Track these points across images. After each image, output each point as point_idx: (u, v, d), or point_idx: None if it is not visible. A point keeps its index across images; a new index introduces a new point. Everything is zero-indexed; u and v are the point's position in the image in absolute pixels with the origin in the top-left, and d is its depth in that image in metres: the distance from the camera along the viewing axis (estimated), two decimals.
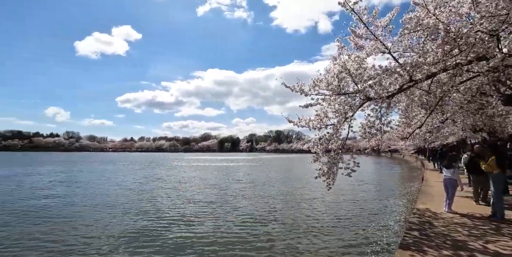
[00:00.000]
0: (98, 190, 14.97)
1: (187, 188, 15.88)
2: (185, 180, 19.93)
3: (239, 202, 11.91)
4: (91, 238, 7.28)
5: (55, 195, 13.58)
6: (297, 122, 5.15)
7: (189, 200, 12.28)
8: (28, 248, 6.51)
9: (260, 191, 14.80)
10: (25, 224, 8.51)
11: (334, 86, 4.77)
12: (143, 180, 20.04)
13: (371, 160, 50.78)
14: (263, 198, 12.86)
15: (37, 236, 7.41)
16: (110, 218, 9.31)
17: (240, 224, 8.66)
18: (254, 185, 16.94)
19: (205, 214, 9.82)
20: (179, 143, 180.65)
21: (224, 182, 18.81)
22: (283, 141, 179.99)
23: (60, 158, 56.58)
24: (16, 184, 17.11)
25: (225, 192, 14.39)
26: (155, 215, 9.69)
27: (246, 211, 10.27)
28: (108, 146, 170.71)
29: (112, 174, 24.20)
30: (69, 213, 9.94)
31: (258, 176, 23.06)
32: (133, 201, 12.21)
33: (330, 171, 5.24)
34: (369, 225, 8.57)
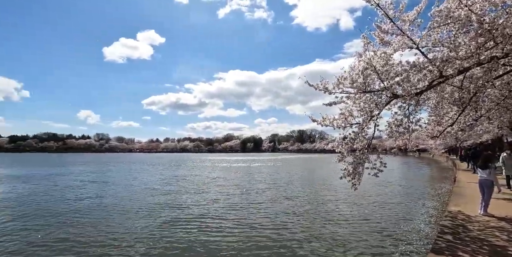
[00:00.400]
0: (126, 190, 15.49)
1: (211, 188, 16.06)
2: (208, 180, 20.18)
3: (263, 203, 11.80)
4: (117, 239, 7.39)
5: (86, 194, 14.22)
6: (321, 121, 5.05)
7: (213, 201, 12.34)
8: (58, 247, 6.83)
9: (283, 192, 14.68)
10: (58, 223, 8.96)
11: (359, 84, 4.63)
12: (168, 180, 20.52)
13: (398, 160, 49.08)
14: (286, 199, 12.70)
15: (67, 235, 7.72)
16: (137, 218, 9.51)
17: (263, 226, 8.50)
18: (277, 186, 16.84)
19: (229, 216, 9.78)
20: (203, 144, 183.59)
21: (247, 182, 18.83)
22: (305, 141, 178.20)
23: (91, 159, 59.35)
24: (52, 184, 18.12)
25: (248, 193, 14.38)
26: (180, 216, 9.81)
27: (269, 213, 10.16)
28: (136, 147, 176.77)
29: (139, 174, 25.01)
30: (98, 213, 10.31)
31: (281, 177, 22.95)
32: (158, 201, 12.44)
33: (356, 171, 5.10)
34: (398, 228, 8.26)
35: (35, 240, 7.18)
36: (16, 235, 7.55)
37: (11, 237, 7.39)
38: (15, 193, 14.52)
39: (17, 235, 7.59)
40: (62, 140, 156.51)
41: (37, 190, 15.46)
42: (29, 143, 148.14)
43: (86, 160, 54.77)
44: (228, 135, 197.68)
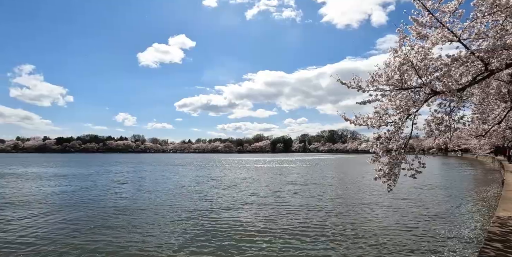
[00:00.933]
0: (159, 189, 16.05)
1: (241, 189, 16.12)
2: (238, 181, 20.32)
3: (294, 205, 11.56)
4: (150, 236, 7.68)
5: (122, 193, 14.94)
6: (354, 121, 4.88)
7: (243, 202, 12.27)
8: (95, 242, 7.23)
9: (315, 193, 14.39)
10: (96, 219, 9.48)
11: (395, 81, 4.41)
12: (199, 180, 20.99)
13: (437, 161, 46.37)
14: (318, 201, 12.37)
15: (104, 231, 8.15)
16: (168, 217, 9.68)
17: (295, 229, 8.26)
18: (308, 187, 16.54)
19: (259, 218, 9.64)
20: (233, 144, 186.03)
21: (277, 183, 18.71)
22: (337, 141, 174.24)
23: (128, 159, 62.48)
24: (91, 181, 19.32)
25: (279, 194, 14.20)
26: (211, 216, 9.88)
27: (301, 215, 9.89)
28: (169, 148, 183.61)
29: (171, 174, 25.87)
30: (133, 211, 10.72)
31: (312, 178, 22.58)
32: (190, 200, 12.68)
33: (392, 172, 4.86)
34: (439, 234, 7.75)
35: (72, 231, 7.68)
36: (55, 227, 8.10)
37: (50, 229, 7.94)
38: (60, 190, 15.61)
39: (57, 227, 8.14)
40: (102, 142, 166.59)
41: (79, 187, 16.53)
42: (73, 145, 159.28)
43: (124, 160, 57.76)
44: (258, 136, 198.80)
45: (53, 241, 7.08)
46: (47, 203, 11.94)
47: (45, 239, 7.23)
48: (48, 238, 7.27)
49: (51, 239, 7.20)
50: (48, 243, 6.88)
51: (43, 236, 7.44)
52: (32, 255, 6.16)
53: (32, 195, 13.85)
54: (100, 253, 6.29)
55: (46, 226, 8.42)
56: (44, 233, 7.76)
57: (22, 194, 14.14)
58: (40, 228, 8.19)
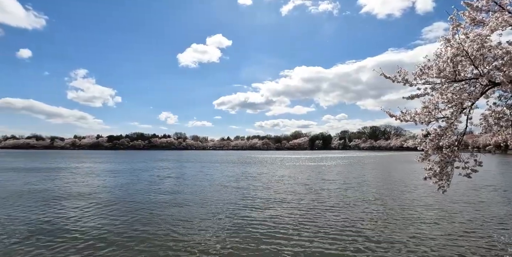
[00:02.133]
0: (197, 185, 16.50)
1: (279, 187, 15.94)
2: (276, 178, 20.21)
3: (334, 206, 11.02)
4: (187, 230, 7.90)
5: (163, 188, 15.63)
6: (400, 117, 4.60)
7: (281, 201, 12.01)
8: (135, 238, 7.68)
9: (357, 193, 13.73)
10: (140, 211, 10.06)
11: (448, 73, 4.06)
12: (237, 177, 21.26)
13: (496, 159, 42.30)
14: (360, 202, 11.73)
15: (145, 227, 8.63)
16: (205, 214, 9.75)
17: (335, 231, 7.80)
18: (349, 187, 15.88)
19: (297, 218, 9.27)
20: (271, 142, 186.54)
21: (316, 182, 18.28)
22: (379, 137, 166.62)
23: (171, 156, 65.59)
24: (138, 176, 20.58)
25: (318, 193, 13.74)
26: (247, 213, 9.84)
27: (341, 216, 9.39)
28: (209, 145, 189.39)
29: (210, 170, 26.60)
30: (172, 205, 11.13)
31: (353, 176, 21.82)
32: (227, 197, 12.72)
33: (444, 172, 4.51)
34: (499, 240, 7.07)
35: (116, 222, 8.24)
36: (104, 217, 8.76)
37: (99, 219, 8.60)
38: (110, 184, 16.84)
39: (106, 217, 8.80)
40: (148, 139, 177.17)
41: (127, 181, 17.69)
42: (122, 142, 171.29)
43: (167, 157, 60.77)
44: (296, 133, 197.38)
45: (101, 230, 7.67)
46: (99, 196, 12.94)
47: (95, 228, 7.86)
48: (97, 228, 7.89)
49: (100, 229, 7.79)
50: (97, 233, 7.47)
51: (93, 226, 8.08)
52: (87, 240, 6.74)
53: (86, 188, 15.13)
54: (141, 242, 6.69)
55: (97, 216, 9.15)
56: (94, 222, 8.44)
57: (76, 187, 15.49)
58: (91, 218, 8.92)
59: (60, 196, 12.78)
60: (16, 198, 12.38)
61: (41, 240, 6.91)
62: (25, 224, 8.27)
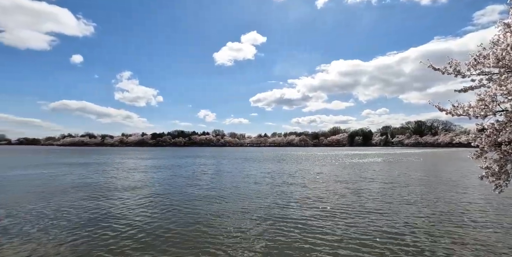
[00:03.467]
0: (234, 182, 16.70)
1: (316, 185, 15.53)
2: (313, 176, 19.78)
3: (375, 207, 10.24)
4: (219, 230, 8.05)
5: (200, 184, 16.11)
6: (452, 111, 4.25)
7: (318, 200, 11.59)
8: (175, 224, 7.99)
9: (401, 194, 12.78)
10: (179, 205, 10.48)
11: (507, 61, 3.66)
12: (273, 174, 21.16)
13: None
14: (406, 205, 10.71)
15: (182, 215, 8.97)
16: (242, 213, 9.68)
17: (378, 237, 7.25)
18: (393, 186, 14.92)
19: (335, 218, 8.87)
20: (308, 138, 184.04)
21: (356, 180, 17.53)
22: (425, 133, 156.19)
23: (210, 153, 67.51)
24: (177, 172, 21.49)
25: (358, 193, 13.00)
26: (281, 212, 9.69)
27: (385, 220, 8.67)
28: (246, 142, 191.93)
29: (246, 167, 26.89)
30: (208, 203, 11.32)
31: (397, 174, 20.73)
32: (263, 195, 12.59)
33: (503, 170, 4.11)
34: None
35: (154, 214, 8.67)
36: (147, 209, 9.26)
37: (143, 211, 9.10)
38: (149, 179, 17.79)
39: (149, 208, 9.30)
40: (188, 136, 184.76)
41: (166, 177, 18.57)
42: (164, 139, 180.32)
43: (206, 153, 62.68)
44: (334, 129, 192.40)
45: (143, 221, 8.14)
46: (143, 189, 13.75)
47: (138, 219, 8.36)
48: (139, 219, 8.38)
49: (143, 221, 8.28)
50: (139, 224, 7.94)
51: (136, 217, 8.60)
52: (128, 230, 7.21)
53: (132, 182, 16.15)
54: (179, 233, 6.98)
55: (140, 207, 9.74)
56: (137, 213, 8.98)
57: (123, 181, 16.61)
58: (134, 209, 9.51)
59: (108, 188, 13.83)
60: (69, 189, 13.62)
61: (89, 228, 7.55)
62: (76, 213, 9.09)
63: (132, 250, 6.15)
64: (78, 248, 6.23)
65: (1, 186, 14.95)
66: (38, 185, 15.48)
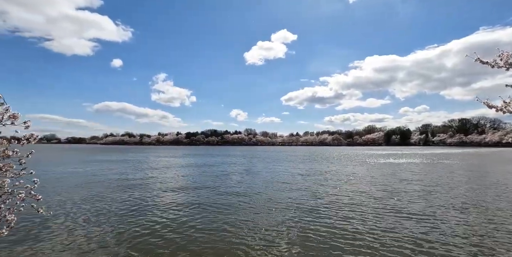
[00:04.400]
0: (265, 182, 16.52)
1: (349, 187, 14.80)
2: (346, 177, 18.85)
3: (416, 213, 9.28)
4: (249, 232, 7.89)
5: (227, 183, 16.17)
6: (502, 108, 3.78)
7: (350, 202, 11.00)
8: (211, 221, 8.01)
9: (444, 199, 11.58)
10: (214, 203, 10.55)
11: None
12: (304, 174, 20.67)
13: None
14: (451, 211, 9.65)
15: (216, 214, 8.99)
16: (271, 215, 9.52)
17: (420, 246, 6.60)
18: (436, 191, 13.47)
19: (372, 225, 8.18)
20: (342, 137, 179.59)
21: (393, 182, 16.37)
22: (470, 131, 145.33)
23: (242, 152, 68.18)
24: (209, 170, 21.88)
25: (396, 197, 12.00)
26: (312, 214, 9.36)
27: (426, 227, 7.83)
28: (278, 141, 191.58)
29: (278, 167, 26.67)
30: (233, 202, 11.25)
31: (438, 177, 19.29)
32: (293, 196, 12.12)
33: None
34: None
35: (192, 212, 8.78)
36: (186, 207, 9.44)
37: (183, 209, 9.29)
38: (183, 175, 18.25)
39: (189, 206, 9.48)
40: (221, 135, 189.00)
41: (204, 174, 18.94)
42: (198, 138, 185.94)
43: (238, 153, 63.42)
44: (369, 127, 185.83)
45: (186, 217, 8.28)
46: (178, 186, 14.11)
47: (181, 215, 8.53)
48: (181, 215, 8.55)
49: (186, 216, 8.43)
50: (182, 221, 8.09)
51: (169, 210, 8.79)
52: (163, 222, 7.39)
53: (167, 179, 16.68)
54: (215, 231, 6.99)
55: (174, 201, 9.97)
56: (170, 207, 9.19)
57: (159, 177, 17.20)
58: (168, 203, 9.76)
59: (144, 184, 14.39)
60: (110, 183, 14.37)
61: (127, 220, 7.84)
62: (115, 205, 9.54)
63: (163, 243, 6.26)
64: (117, 237, 6.48)
65: (55, 180, 16.37)
66: (84, 179, 16.81)
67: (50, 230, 7.38)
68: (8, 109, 2.21)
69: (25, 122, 2.23)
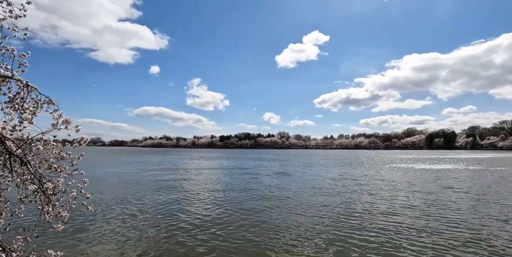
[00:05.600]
0: (296, 185, 16.52)
1: (386, 194, 14.05)
2: (384, 184, 17.96)
3: (461, 225, 8.46)
4: (279, 239, 7.93)
5: (257, 187, 16.21)
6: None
7: (386, 211, 10.42)
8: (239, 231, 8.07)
9: (495, 210, 10.62)
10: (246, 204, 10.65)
11: None
12: (338, 179, 20.05)
13: None
14: (498, 222, 8.79)
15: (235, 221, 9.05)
16: (302, 222, 8.98)
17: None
18: (486, 201, 12.14)
19: (410, 236, 7.51)
20: (379, 140, 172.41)
21: (436, 190, 15.15)
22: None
23: (275, 155, 68.13)
24: (241, 173, 22.11)
25: (440, 207, 10.99)
26: (345, 222, 9.07)
27: (471, 242, 7.15)
28: (311, 144, 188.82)
29: (310, 171, 26.26)
30: (263, 207, 11.25)
31: (489, 184, 17.77)
32: (324, 203, 11.58)
33: None
34: None
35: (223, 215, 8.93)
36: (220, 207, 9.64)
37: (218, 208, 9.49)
38: (217, 178, 18.63)
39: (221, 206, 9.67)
40: (254, 138, 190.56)
41: (229, 177, 19.23)
42: (232, 141, 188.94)
43: (272, 156, 63.44)
44: (409, 130, 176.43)
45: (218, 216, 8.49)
46: (209, 188, 14.49)
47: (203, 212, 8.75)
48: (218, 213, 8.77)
49: (203, 216, 8.64)
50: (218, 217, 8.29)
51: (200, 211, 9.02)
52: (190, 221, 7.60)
53: (200, 181, 17.19)
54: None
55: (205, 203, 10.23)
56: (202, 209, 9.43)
57: (193, 179, 17.75)
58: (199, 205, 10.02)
59: (179, 185, 14.96)
60: (146, 182, 15.10)
61: (161, 219, 8.23)
62: (150, 203, 10.05)
63: (194, 242, 6.47)
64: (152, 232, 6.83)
65: (101, 180, 17.70)
66: (126, 179, 18.03)
67: (97, 226, 8.05)
68: (62, 115, 2.44)
69: (76, 126, 2.45)
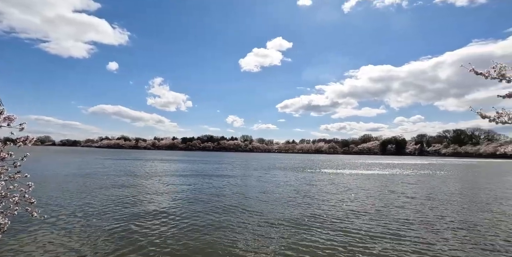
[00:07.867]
0: (258, 191, 16.39)
1: (345, 198, 14.85)
2: (343, 188, 18.97)
3: (414, 227, 8.84)
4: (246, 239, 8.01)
5: (217, 191, 16.01)
6: (495, 118, 3.84)
7: (346, 215, 10.89)
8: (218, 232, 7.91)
9: (440, 213, 11.50)
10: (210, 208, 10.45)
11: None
12: (298, 184, 20.29)
13: None
14: (446, 223, 9.59)
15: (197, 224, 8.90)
16: (263, 228, 9.16)
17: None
18: (432, 205, 12.71)
19: (369, 244, 7.92)
20: (338, 145, 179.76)
21: (391, 195, 16.03)
22: (465, 142, 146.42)
23: (237, 159, 67.81)
24: (207, 181, 21.73)
25: (393, 211, 11.38)
26: (307, 234, 9.16)
27: (424, 244, 7.71)
28: (274, 148, 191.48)
29: (272, 176, 26.57)
30: (221, 212, 11.00)
31: (433, 186, 19.39)
32: (282, 208, 11.93)
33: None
34: None
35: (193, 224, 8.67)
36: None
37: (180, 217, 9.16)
38: (178, 182, 18.09)
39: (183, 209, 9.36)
40: (217, 141, 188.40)
41: (194, 181, 18.80)
42: (194, 143, 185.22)
43: (234, 160, 63.06)
44: (365, 136, 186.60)
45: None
46: (168, 193, 13.99)
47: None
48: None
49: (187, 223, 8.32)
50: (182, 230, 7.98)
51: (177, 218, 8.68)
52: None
53: (160, 186, 16.50)
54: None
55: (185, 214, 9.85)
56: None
57: (151, 184, 17.02)
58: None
59: (135, 187, 14.22)
60: (105, 185, 14.18)
61: (115, 224, 7.74)
62: (105, 204, 9.40)
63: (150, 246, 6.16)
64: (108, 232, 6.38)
65: (49, 183, 16.00)
66: (79, 181, 16.42)
67: (42, 233, 7.25)
68: (3, 111, 2.18)
69: (20, 124, 2.21)
